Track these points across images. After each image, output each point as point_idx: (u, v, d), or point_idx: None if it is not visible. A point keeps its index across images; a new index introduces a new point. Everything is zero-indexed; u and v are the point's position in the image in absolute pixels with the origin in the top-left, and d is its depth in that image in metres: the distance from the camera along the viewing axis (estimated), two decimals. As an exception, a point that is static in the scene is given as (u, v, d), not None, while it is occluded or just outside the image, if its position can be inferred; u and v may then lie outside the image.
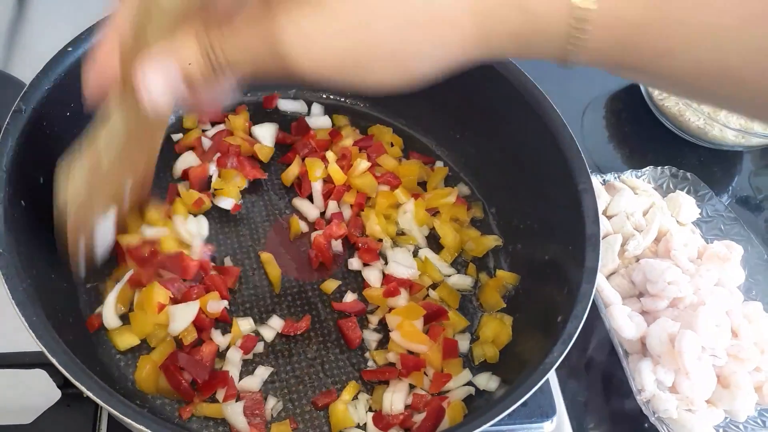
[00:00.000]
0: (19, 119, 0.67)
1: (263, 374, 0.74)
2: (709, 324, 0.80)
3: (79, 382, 0.55)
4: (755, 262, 0.94)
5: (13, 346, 0.69)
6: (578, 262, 0.70)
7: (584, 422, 0.85)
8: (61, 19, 1.09)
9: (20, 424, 0.69)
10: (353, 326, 0.78)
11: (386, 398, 0.73)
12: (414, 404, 0.73)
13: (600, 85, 1.24)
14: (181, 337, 0.72)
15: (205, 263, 0.77)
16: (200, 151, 0.88)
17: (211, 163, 0.86)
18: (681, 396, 0.79)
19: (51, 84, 0.70)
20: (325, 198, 0.88)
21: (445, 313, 0.78)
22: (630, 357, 0.84)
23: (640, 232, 0.93)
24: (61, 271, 0.73)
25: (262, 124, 0.93)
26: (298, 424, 0.72)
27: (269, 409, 0.71)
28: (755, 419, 0.82)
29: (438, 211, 0.89)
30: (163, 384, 0.70)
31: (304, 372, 0.75)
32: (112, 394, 0.56)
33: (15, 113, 0.67)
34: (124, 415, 0.54)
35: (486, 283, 0.84)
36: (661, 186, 1.02)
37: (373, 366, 0.77)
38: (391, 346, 0.77)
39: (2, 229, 0.62)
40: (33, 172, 0.69)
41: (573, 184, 0.75)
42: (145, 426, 0.54)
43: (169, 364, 0.69)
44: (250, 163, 0.88)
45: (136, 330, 0.73)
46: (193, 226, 0.80)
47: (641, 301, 0.87)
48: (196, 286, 0.75)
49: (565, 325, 0.65)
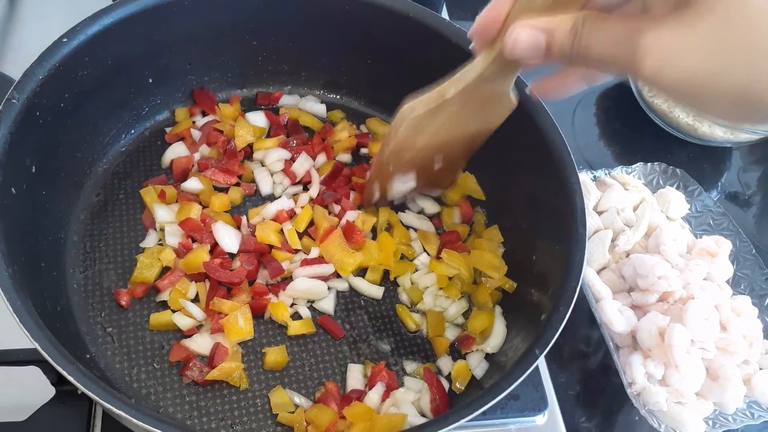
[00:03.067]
0: (12, 108, 0.67)
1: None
2: (698, 318, 0.80)
3: (62, 368, 0.55)
4: (743, 256, 0.96)
5: (7, 343, 0.68)
6: (564, 262, 0.70)
7: (576, 415, 0.86)
8: (53, 17, 1.10)
9: (14, 422, 0.69)
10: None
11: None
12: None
13: (591, 83, 1.25)
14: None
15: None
16: (189, 141, 0.90)
17: (196, 153, 0.89)
18: (671, 389, 0.80)
19: (45, 74, 0.70)
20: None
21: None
22: (621, 351, 0.85)
23: (630, 228, 0.93)
24: (50, 260, 0.73)
25: (255, 111, 0.95)
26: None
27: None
28: (744, 411, 0.83)
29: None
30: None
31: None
32: (93, 380, 0.55)
33: (8, 102, 0.67)
34: (103, 399, 0.54)
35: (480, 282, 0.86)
36: (651, 182, 1.03)
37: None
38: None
39: (-9, 216, 0.61)
40: (25, 161, 0.69)
41: (562, 185, 0.76)
42: (134, 416, 0.54)
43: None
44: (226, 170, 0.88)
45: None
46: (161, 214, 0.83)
47: (631, 296, 0.87)
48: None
49: (549, 323, 0.66)
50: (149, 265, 0.78)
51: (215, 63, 0.93)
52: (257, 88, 0.98)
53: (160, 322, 0.76)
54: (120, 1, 0.77)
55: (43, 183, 0.73)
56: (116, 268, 0.80)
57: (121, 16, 0.77)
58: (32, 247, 0.70)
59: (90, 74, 0.77)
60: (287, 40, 0.92)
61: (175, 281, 0.78)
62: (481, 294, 0.84)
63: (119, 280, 0.79)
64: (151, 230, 0.83)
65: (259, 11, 0.88)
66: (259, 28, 0.90)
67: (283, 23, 0.90)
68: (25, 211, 0.69)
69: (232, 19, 0.87)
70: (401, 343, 0.80)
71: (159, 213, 0.82)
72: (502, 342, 0.80)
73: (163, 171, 0.89)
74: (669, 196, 0.98)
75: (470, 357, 0.80)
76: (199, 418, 0.71)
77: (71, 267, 0.78)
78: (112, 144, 0.88)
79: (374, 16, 0.87)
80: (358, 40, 0.91)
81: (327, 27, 0.90)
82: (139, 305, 0.78)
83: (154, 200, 0.84)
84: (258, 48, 0.93)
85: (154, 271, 0.78)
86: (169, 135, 0.91)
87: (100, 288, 0.78)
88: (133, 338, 0.75)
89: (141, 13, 0.78)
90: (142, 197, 0.84)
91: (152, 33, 0.82)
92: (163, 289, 0.77)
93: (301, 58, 0.95)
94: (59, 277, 0.76)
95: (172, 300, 0.77)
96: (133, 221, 0.84)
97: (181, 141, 0.90)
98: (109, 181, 0.86)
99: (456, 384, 0.77)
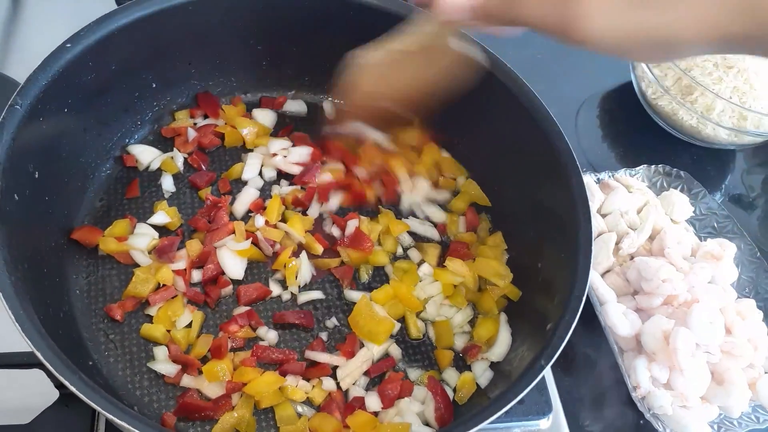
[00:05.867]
0: (15, 114, 0.67)
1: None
2: (702, 321, 0.80)
3: (63, 377, 0.55)
4: (748, 259, 0.95)
5: (11, 346, 0.68)
6: (570, 270, 0.70)
7: (580, 419, 0.85)
8: (56, 20, 1.10)
9: (18, 425, 0.69)
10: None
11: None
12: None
13: (594, 85, 1.24)
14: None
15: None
16: (183, 140, 0.90)
17: (181, 154, 0.90)
18: (675, 393, 0.80)
19: (48, 79, 0.70)
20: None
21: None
22: (625, 354, 0.85)
23: (634, 230, 0.93)
24: (53, 266, 0.73)
25: (262, 109, 0.96)
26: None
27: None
28: (749, 415, 0.82)
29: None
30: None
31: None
32: (95, 389, 0.55)
33: (11, 108, 0.67)
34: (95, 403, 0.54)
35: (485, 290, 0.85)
36: (655, 184, 1.03)
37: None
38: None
39: (-7, 222, 0.61)
40: (28, 167, 0.69)
41: (567, 192, 0.75)
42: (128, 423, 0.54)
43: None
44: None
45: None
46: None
47: (636, 299, 0.87)
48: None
49: (555, 332, 0.65)
50: (144, 281, 0.77)
51: (219, 68, 0.93)
52: (261, 93, 0.98)
53: (150, 334, 0.75)
54: (123, 7, 0.77)
55: (46, 189, 0.73)
56: (119, 274, 0.80)
57: (124, 21, 0.77)
58: (35, 253, 0.70)
59: (94, 79, 0.77)
60: (291, 44, 0.92)
61: (167, 298, 0.77)
62: (486, 301, 0.83)
63: (122, 286, 0.78)
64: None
65: (263, 16, 0.88)
66: (263, 33, 0.90)
67: (287, 28, 0.90)
68: (28, 217, 0.69)
69: (236, 23, 0.87)
70: (405, 351, 0.80)
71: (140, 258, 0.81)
72: (507, 350, 0.79)
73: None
74: (673, 199, 0.97)
75: (475, 366, 0.79)
76: (201, 426, 0.71)
77: (74, 273, 0.78)
78: (116, 149, 0.88)
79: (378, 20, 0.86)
80: (361, 44, 0.90)
81: (330, 32, 0.89)
82: (141, 310, 0.77)
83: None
84: (262, 53, 0.93)
85: (149, 287, 0.77)
86: (166, 129, 0.91)
87: (102, 294, 0.78)
88: (135, 345, 0.75)
89: (145, 19, 0.78)
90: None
91: (156, 38, 0.82)
92: (153, 304, 0.77)
93: (305, 62, 0.95)
94: (62, 283, 0.76)
95: (158, 317, 0.76)
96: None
97: (178, 137, 0.91)
98: (112, 187, 0.86)
99: (459, 394, 0.76)
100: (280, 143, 0.92)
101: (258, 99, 0.98)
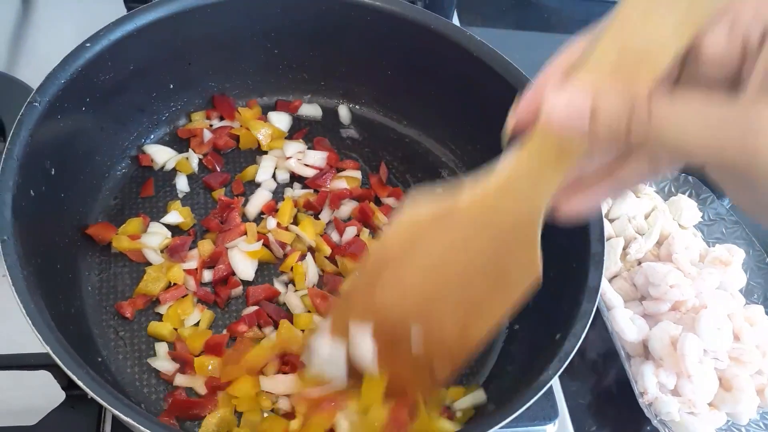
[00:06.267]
0: (34, 111, 0.68)
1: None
2: (710, 327, 0.80)
3: (72, 372, 0.55)
4: (756, 265, 0.95)
5: (18, 347, 0.69)
6: (581, 280, 0.69)
7: (586, 425, 0.85)
8: (66, 23, 1.11)
9: (25, 426, 0.69)
10: None
11: None
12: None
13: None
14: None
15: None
16: (198, 141, 0.91)
17: (196, 155, 0.90)
18: (683, 399, 0.80)
19: (67, 78, 0.71)
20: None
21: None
22: (632, 360, 0.85)
23: (641, 236, 0.93)
24: (66, 262, 0.73)
25: (278, 112, 0.97)
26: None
27: None
28: (757, 422, 0.82)
29: None
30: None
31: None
32: (102, 385, 0.55)
33: (30, 105, 0.68)
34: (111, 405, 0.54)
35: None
36: (663, 189, 1.03)
37: None
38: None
39: (9, 216, 0.62)
40: (44, 163, 0.70)
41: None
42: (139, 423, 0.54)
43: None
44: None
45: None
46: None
47: (643, 305, 0.87)
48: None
49: (563, 342, 0.64)
50: (155, 279, 0.78)
51: (236, 70, 0.94)
52: (277, 96, 0.99)
53: (157, 332, 0.76)
54: (143, 7, 0.78)
55: (62, 185, 0.74)
56: (131, 272, 0.80)
57: (144, 22, 0.78)
58: (48, 248, 0.70)
59: (111, 79, 0.78)
60: (308, 48, 0.93)
61: (178, 297, 0.78)
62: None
63: (133, 284, 0.79)
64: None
65: (281, 19, 0.89)
66: (280, 36, 0.91)
67: (304, 32, 0.91)
68: (43, 213, 0.70)
69: (254, 26, 0.88)
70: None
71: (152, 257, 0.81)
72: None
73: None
74: (681, 204, 0.97)
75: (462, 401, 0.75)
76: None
77: (86, 270, 0.79)
78: (131, 148, 0.89)
79: (398, 28, 0.87)
80: (378, 50, 0.91)
81: (347, 36, 0.90)
82: (151, 308, 0.78)
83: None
84: (278, 56, 0.94)
85: (160, 285, 0.78)
86: (181, 130, 0.92)
87: (114, 291, 0.78)
88: (144, 343, 0.76)
89: (163, 20, 0.79)
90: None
91: (174, 39, 0.83)
92: (163, 302, 0.77)
93: (321, 66, 0.96)
94: (74, 279, 0.76)
95: (168, 316, 0.77)
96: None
97: (193, 138, 0.92)
98: (127, 186, 0.87)
99: (457, 415, 0.74)
100: (296, 146, 0.93)
101: (274, 102, 0.99)
